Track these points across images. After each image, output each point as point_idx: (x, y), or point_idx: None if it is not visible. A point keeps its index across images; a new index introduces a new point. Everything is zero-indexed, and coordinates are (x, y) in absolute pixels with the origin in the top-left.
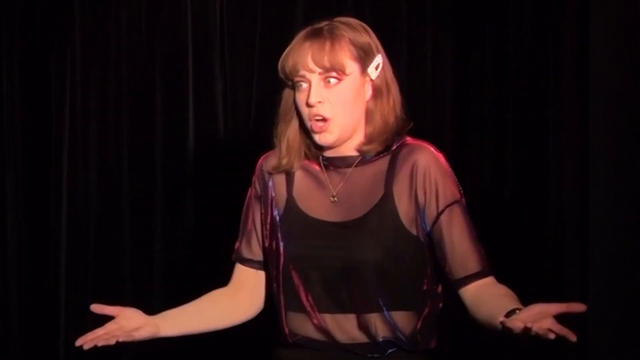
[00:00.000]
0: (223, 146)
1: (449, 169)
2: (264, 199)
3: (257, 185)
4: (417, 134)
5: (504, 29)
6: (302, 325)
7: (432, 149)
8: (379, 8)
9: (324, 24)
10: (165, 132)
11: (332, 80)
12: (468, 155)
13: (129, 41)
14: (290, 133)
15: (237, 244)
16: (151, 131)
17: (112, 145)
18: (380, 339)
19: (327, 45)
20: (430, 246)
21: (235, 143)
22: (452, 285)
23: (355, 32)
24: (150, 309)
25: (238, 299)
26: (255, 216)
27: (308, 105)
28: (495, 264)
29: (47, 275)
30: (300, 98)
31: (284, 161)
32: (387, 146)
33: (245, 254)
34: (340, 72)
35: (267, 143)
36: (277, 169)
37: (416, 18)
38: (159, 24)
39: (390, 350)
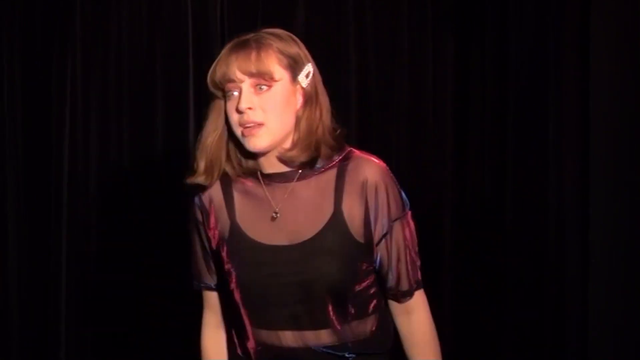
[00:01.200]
0: None
1: (394, 182)
2: (208, 228)
3: (196, 220)
4: (418, 134)
5: (504, 29)
6: (262, 338)
7: (379, 163)
8: (379, 8)
9: (250, 35)
10: (165, 131)
11: (263, 87)
12: (469, 154)
13: (130, 41)
14: (214, 147)
15: (196, 273)
16: (152, 130)
17: (113, 144)
18: (339, 348)
19: (254, 53)
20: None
21: None
22: (384, 291)
23: (283, 41)
24: (151, 307)
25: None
26: (202, 247)
27: (238, 111)
28: (496, 264)
29: (48, 275)
30: (230, 106)
31: (204, 176)
32: (314, 156)
33: (208, 280)
34: (269, 78)
35: None
36: (198, 182)
37: (417, 18)
38: (160, 23)
39: (349, 355)
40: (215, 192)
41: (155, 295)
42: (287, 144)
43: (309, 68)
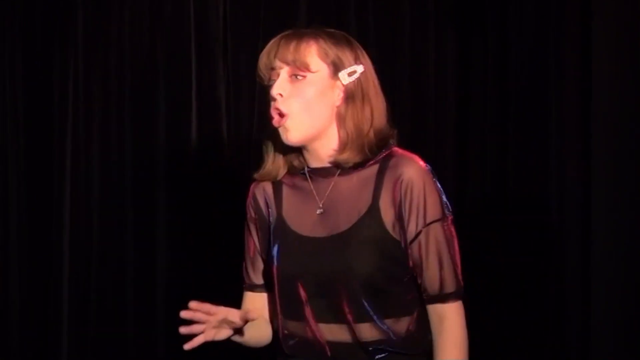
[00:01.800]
0: (226, 145)
1: (434, 184)
2: (260, 218)
3: (250, 209)
4: (418, 134)
5: (505, 29)
6: (298, 331)
7: (419, 162)
8: (381, 8)
9: (304, 30)
10: (168, 131)
11: (299, 77)
12: (470, 154)
13: (131, 41)
14: (278, 141)
15: (244, 273)
16: (154, 130)
17: (115, 144)
18: (376, 345)
19: (294, 43)
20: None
21: (238, 142)
22: (422, 297)
23: (332, 39)
24: (152, 307)
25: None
26: (255, 241)
27: (272, 98)
28: (496, 264)
29: (49, 275)
30: (269, 95)
31: (270, 167)
32: (366, 157)
33: (255, 280)
34: (305, 68)
35: None
36: (263, 178)
37: (418, 18)
38: (161, 23)
39: (383, 355)
40: (267, 186)
41: (156, 295)
42: (334, 143)
43: (357, 68)
